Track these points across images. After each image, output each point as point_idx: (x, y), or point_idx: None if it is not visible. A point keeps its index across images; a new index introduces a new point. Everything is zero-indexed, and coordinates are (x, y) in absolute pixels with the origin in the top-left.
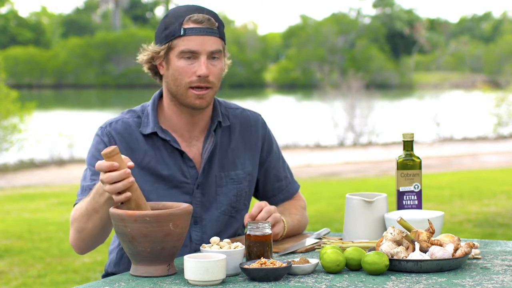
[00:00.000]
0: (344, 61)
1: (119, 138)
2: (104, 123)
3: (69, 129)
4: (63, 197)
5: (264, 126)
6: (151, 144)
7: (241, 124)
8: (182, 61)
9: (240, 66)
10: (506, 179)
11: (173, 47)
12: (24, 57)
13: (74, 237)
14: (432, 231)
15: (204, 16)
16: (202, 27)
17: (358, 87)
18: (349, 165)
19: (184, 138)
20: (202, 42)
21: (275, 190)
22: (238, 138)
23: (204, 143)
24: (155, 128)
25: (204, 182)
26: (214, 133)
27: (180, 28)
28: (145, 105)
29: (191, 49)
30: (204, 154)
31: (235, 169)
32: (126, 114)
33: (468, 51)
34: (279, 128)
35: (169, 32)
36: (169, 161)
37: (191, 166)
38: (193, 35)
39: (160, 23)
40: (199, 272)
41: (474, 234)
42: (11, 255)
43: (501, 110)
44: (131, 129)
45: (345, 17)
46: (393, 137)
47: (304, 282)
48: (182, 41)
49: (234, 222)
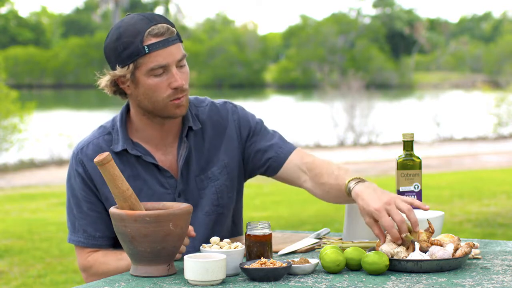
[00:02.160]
0: (344, 61)
1: (92, 165)
2: (76, 147)
3: (69, 129)
4: (63, 197)
5: (234, 111)
6: (125, 161)
7: (211, 119)
8: (153, 78)
9: (240, 66)
10: (506, 179)
11: (139, 66)
12: (24, 57)
13: (90, 279)
14: (431, 231)
15: (163, 27)
16: (164, 39)
17: (358, 87)
18: (349, 165)
19: (158, 147)
20: (168, 54)
21: (269, 160)
22: (211, 135)
23: (178, 149)
24: (125, 144)
25: (184, 189)
26: (186, 139)
27: (142, 47)
28: (116, 118)
29: (161, 64)
30: (179, 162)
31: (211, 167)
32: (96, 132)
33: (468, 51)
34: (279, 128)
35: (131, 52)
36: (145, 175)
37: (168, 176)
38: (158, 50)
39: (116, 44)
40: (199, 272)
41: (474, 234)
42: (11, 255)
43: (501, 110)
44: (102, 151)
45: (345, 17)
46: (393, 137)
47: (304, 282)
48: (149, 58)
49: (223, 218)
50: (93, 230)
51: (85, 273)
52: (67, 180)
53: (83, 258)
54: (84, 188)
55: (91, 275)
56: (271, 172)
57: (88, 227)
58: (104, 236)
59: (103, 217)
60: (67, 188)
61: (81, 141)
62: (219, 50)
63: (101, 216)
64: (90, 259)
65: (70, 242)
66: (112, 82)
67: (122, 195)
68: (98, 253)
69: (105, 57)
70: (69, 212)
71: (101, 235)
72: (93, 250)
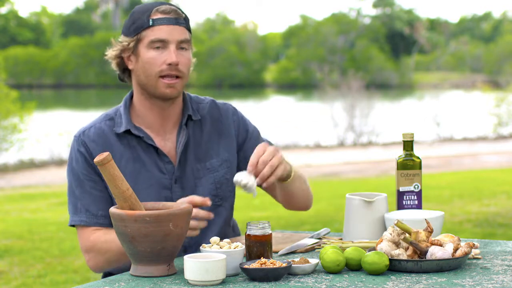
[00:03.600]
0: (344, 61)
1: (93, 146)
2: (78, 131)
3: (69, 129)
4: (63, 197)
5: (235, 112)
6: (126, 144)
7: (212, 115)
8: (152, 51)
9: (240, 66)
10: (506, 179)
11: (141, 39)
12: (24, 57)
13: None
14: (430, 230)
15: (171, 7)
16: (170, 17)
17: (358, 87)
18: (349, 165)
19: (158, 133)
20: (170, 31)
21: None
22: (210, 129)
23: (177, 136)
24: (128, 126)
25: (181, 176)
26: (186, 127)
27: (148, 20)
28: (118, 107)
29: (160, 37)
30: (178, 148)
31: (210, 159)
32: (98, 118)
33: (468, 51)
34: (279, 128)
35: (137, 25)
36: (145, 158)
37: (166, 161)
38: (161, 25)
39: (127, 20)
40: (199, 272)
41: (474, 234)
42: (11, 255)
43: (501, 110)
44: (104, 134)
45: (345, 17)
46: (393, 137)
47: (304, 282)
48: (151, 31)
49: (222, 211)
50: (96, 209)
51: (88, 254)
52: (68, 166)
53: (86, 238)
54: (87, 167)
55: (94, 255)
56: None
57: (90, 206)
58: (106, 215)
59: (105, 196)
60: (69, 173)
61: (83, 127)
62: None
63: (103, 195)
64: (92, 238)
65: (72, 223)
66: (118, 53)
67: (122, 195)
68: (100, 232)
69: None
70: (70, 196)
71: (103, 214)
72: (96, 229)
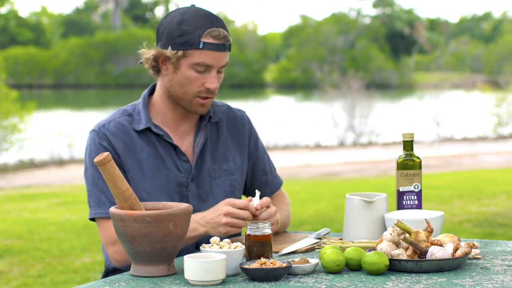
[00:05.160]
0: (344, 61)
1: (115, 139)
2: (96, 125)
3: (69, 129)
4: (63, 197)
5: (249, 122)
6: (145, 140)
7: (228, 120)
8: (193, 72)
9: (240, 66)
10: (506, 179)
11: (187, 56)
12: (24, 57)
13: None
14: (430, 230)
15: (224, 33)
16: (220, 44)
17: (358, 87)
18: (349, 165)
19: (176, 132)
20: (217, 58)
21: (262, 184)
22: (226, 133)
23: (195, 137)
24: (148, 124)
25: (197, 175)
26: (205, 127)
27: (199, 41)
28: (135, 103)
29: (207, 63)
30: (196, 148)
31: (226, 162)
32: (117, 113)
33: (468, 51)
34: (279, 128)
35: (186, 41)
36: (164, 155)
37: (184, 160)
38: (210, 51)
39: (175, 26)
40: (199, 272)
41: (474, 234)
42: (11, 255)
43: (501, 110)
44: (125, 128)
45: (345, 17)
46: (393, 137)
47: (304, 282)
48: (199, 53)
49: None
50: None
51: (113, 247)
52: (88, 159)
53: (110, 231)
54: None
55: (119, 248)
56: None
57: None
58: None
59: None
60: (89, 166)
61: (101, 121)
62: None
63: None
64: None
65: (97, 216)
66: (155, 58)
67: (122, 195)
68: None
69: (156, 32)
70: (93, 189)
71: None
72: None
